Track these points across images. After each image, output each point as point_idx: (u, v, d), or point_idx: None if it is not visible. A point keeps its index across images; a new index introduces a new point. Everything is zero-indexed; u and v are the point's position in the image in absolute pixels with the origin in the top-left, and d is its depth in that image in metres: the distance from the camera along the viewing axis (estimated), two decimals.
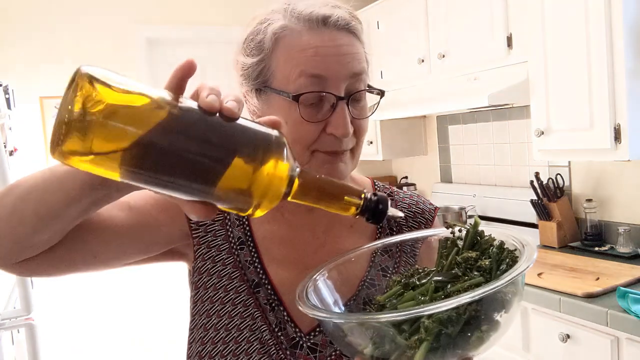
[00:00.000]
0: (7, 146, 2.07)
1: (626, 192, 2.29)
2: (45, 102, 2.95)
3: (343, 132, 0.70)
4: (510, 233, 0.64)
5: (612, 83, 1.88)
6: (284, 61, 0.72)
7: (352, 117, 0.72)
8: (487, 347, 0.56)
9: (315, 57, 0.71)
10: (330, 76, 0.70)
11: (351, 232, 0.84)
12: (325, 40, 0.72)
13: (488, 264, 0.58)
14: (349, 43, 0.73)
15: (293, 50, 0.71)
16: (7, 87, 2.26)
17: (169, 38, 3.26)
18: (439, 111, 2.97)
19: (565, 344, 1.86)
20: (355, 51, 0.74)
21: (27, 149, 2.86)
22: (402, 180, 3.64)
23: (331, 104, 0.71)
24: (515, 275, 0.52)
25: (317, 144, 0.72)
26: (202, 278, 0.79)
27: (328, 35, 0.72)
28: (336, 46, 0.72)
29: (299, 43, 0.72)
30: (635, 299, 1.65)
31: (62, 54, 2.97)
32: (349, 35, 0.74)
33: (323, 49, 0.71)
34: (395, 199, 0.89)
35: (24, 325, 1.86)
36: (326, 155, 0.73)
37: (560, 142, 2.11)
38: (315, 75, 0.70)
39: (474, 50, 2.51)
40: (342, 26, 0.73)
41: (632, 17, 1.84)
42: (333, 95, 0.70)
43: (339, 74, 0.71)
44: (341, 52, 0.72)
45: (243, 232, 0.80)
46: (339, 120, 0.70)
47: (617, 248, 2.21)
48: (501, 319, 0.57)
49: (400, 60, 3.03)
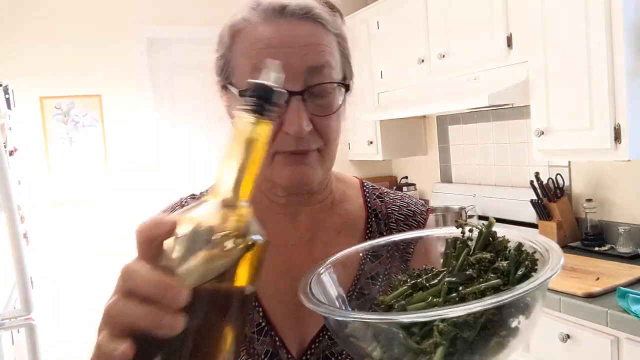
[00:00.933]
0: (7, 146, 2.07)
1: (626, 192, 2.29)
2: (45, 102, 2.95)
3: (296, 129, 0.64)
4: (529, 236, 0.59)
5: (612, 83, 1.87)
6: (240, 56, 0.68)
7: (311, 115, 0.66)
8: (507, 354, 0.53)
9: (267, 49, 0.65)
10: (283, 70, 0.67)
11: (339, 238, 0.79)
12: (280, 31, 0.66)
13: (506, 265, 0.54)
14: (309, 33, 0.67)
15: (248, 43, 0.67)
16: (7, 87, 2.26)
17: (169, 38, 3.26)
18: (439, 111, 2.97)
19: (565, 344, 1.86)
20: (317, 42, 0.67)
21: (27, 149, 2.87)
22: (402, 180, 3.64)
23: (285, 99, 0.68)
24: (542, 280, 0.49)
25: (277, 144, 0.66)
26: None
27: (285, 26, 0.66)
28: (292, 37, 0.65)
29: (254, 36, 0.66)
30: (635, 299, 1.65)
31: (62, 54, 2.97)
32: (313, 25, 0.67)
33: (276, 40, 0.65)
34: (385, 201, 0.84)
35: (24, 325, 1.86)
36: (286, 157, 0.67)
37: (560, 142, 2.11)
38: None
39: (474, 50, 2.51)
40: (301, 15, 0.67)
41: (632, 17, 1.84)
42: (285, 90, 0.68)
43: (294, 67, 0.64)
44: (297, 44, 0.65)
45: None
46: (292, 117, 0.64)
47: (617, 248, 2.21)
48: (520, 325, 0.53)
49: (400, 60, 3.03)
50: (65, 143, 2.99)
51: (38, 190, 2.92)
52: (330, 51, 0.68)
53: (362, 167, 3.79)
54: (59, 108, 2.98)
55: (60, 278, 2.91)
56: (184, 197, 0.81)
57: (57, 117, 2.97)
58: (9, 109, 2.27)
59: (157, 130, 3.22)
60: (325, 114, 0.68)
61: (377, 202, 0.84)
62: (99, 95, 3.06)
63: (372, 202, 0.84)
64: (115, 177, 3.10)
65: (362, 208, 0.83)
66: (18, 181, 2.39)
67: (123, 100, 3.12)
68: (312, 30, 0.67)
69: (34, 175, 2.90)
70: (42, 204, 2.93)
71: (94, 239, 2.99)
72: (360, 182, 0.88)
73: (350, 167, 3.76)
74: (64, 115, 2.99)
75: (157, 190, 3.11)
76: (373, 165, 3.80)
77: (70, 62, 2.99)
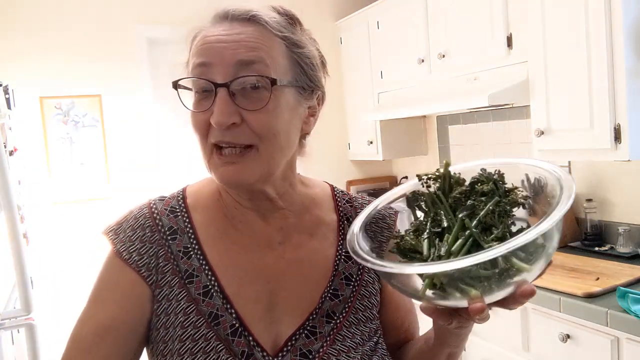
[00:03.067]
0: (7, 146, 2.07)
1: (626, 192, 2.28)
2: (45, 102, 2.95)
3: (217, 119, 0.67)
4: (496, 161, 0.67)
5: (612, 83, 1.87)
6: (191, 57, 0.73)
7: (242, 109, 0.68)
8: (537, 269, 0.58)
9: (203, 45, 0.70)
10: (213, 63, 0.68)
11: (311, 239, 0.80)
12: (221, 31, 0.70)
13: (488, 187, 0.61)
14: (245, 32, 0.70)
15: (195, 47, 0.72)
16: (7, 87, 2.26)
17: (169, 38, 3.26)
18: (439, 111, 2.97)
19: (565, 344, 1.86)
20: (250, 39, 0.69)
21: (27, 149, 2.87)
22: (402, 180, 3.64)
23: (214, 92, 0.69)
24: (571, 196, 0.56)
25: (211, 136, 0.70)
26: (161, 319, 0.73)
27: (226, 27, 0.71)
28: (226, 35, 0.69)
29: (200, 39, 0.71)
30: (635, 299, 1.65)
31: (62, 54, 2.97)
32: (251, 25, 0.71)
33: (211, 38, 0.70)
34: (354, 206, 0.87)
35: (24, 325, 1.86)
36: (219, 157, 0.70)
37: (560, 142, 2.10)
38: (200, 64, 0.69)
39: (474, 50, 2.51)
40: (243, 18, 0.71)
41: (632, 17, 1.84)
42: (210, 82, 0.68)
43: (222, 60, 0.68)
44: (229, 40, 0.69)
45: (197, 261, 0.75)
46: (215, 108, 0.68)
47: (617, 248, 2.21)
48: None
49: (400, 60, 3.03)
50: (65, 143, 2.99)
51: (38, 190, 2.92)
52: (266, 50, 0.70)
53: (362, 167, 3.79)
54: (59, 108, 2.98)
55: (60, 278, 2.91)
56: (152, 199, 0.82)
57: (57, 117, 2.97)
58: (9, 109, 2.27)
59: (157, 130, 3.22)
60: (254, 108, 0.69)
61: (347, 207, 0.86)
62: (99, 95, 3.06)
63: (343, 207, 0.86)
64: (115, 177, 3.10)
65: (333, 212, 0.85)
66: (18, 181, 2.39)
67: (123, 100, 3.11)
68: (249, 30, 0.70)
69: (34, 175, 2.90)
70: (42, 204, 2.93)
71: (94, 239, 2.99)
72: (331, 188, 0.89)
73: (351, 167, 3.76)
74: (64, 115, 2.99)
75: (157, 190, 3.10)
76: (373, 165, 3.80)
77: (70, 62, 2.99)
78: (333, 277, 0.79)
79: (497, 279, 0.56)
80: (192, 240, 0.76)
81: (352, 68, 3.53)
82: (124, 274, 0.74)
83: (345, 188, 3.73)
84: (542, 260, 0.58)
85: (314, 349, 0.73)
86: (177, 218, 0.78)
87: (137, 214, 0.78)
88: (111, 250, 0.76)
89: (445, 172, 0.65)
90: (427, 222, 0.64)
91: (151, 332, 0.75)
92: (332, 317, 0.76)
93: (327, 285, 0.78)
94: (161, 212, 0.78)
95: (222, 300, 0.73)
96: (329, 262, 0.80)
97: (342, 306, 0.78)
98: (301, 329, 0.74)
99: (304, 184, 0.85)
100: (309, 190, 0.85)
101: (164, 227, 0.77)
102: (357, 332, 0.77)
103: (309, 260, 0.79)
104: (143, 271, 0.74)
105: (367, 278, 0.82)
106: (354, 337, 0.77)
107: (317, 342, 0.74)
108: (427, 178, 0.66)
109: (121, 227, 0.77)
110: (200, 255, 0.75)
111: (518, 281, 0.56)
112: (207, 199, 0.81)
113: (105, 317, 0.72)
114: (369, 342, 0.78)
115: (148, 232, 0.76)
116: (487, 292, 0.56)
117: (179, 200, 0.81)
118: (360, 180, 3.78)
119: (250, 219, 0.78)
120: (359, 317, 0.78)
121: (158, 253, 0.75)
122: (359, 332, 0.77)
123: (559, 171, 0.64)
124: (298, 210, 0.81)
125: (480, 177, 0.64)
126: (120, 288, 0.74)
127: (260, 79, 0.68)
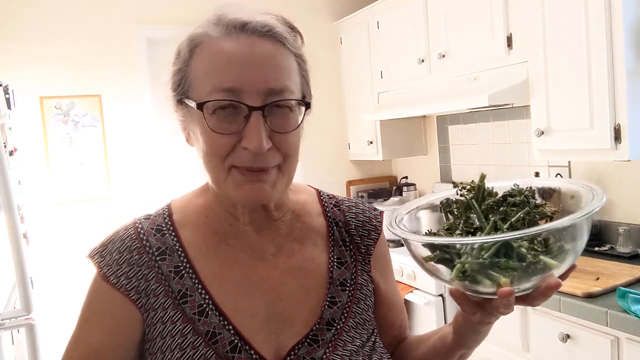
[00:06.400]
0: (7, 146, 2.07)
1: (626, 192, 2.29)
2: (45, 102, 2.95)
3: (256, 145, 0.64)
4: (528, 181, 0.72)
5: (612, 83, 1.87)
6: (200, 71, 0.68)
7: (271, 131, 0.67)
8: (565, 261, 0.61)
9: (229, 67, 0.66)
10: (244, 87, 0.65)
11: (302, 247, 0.80)
12: (241, 47, 0.66)
13: (520, 199, 0.66)
14: (270, 51, 0.67)
15: (207, 59, 0.68)
16: (7, 87, 2.26)
17: (169, 38, 3.26)
18: (439, 111, 2.97)
19: (565, 344, 1.86)
20: (277, 63, 0.67)
21: (27, 149, 2.87)
22: (402, 180, 3.64)
23: (245, 114, 0.66)
24: (602, 199, 0.61)
25: (233, 157, 0.67)
26: (157, 342, 0.71)
27: (246, 42, 0.67)
28: (252, 53, 0.66)
29: (214, 51, 0.67)
30: (635, 299, 1.65)
31: (62, 54, 2.97)
32: (273, 43, 0.68)
33: (237, 57, 0.66)
34: (342, 209, 0.86)
35: (24, 325, 1.86)
36: (243, 174, 0.67)
37: (560, 142, 2.11)
38: (228, 89, 0.65)
39: (473, 50, 2.51)
40: (262, 32, 0.67)
41: (632, 17, 1.84)
42: (245, 105, 0.65)
43: (254, 84, 0.65)
44: (257, 61, 0.66)
45: (190, 280, 0.73)
46: (252, 133, 0.65)
47: (617, 248, 2.21)
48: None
49: (400, 60, 3.03)
50: (65, 143, 2.99)
51: (38, 190, 2.92)
52: (288, 74, 0.69)
53: (362, 167, 3.79)
54: (59, 108, 2.98)
55: (60, 278, 2.90)
56: (137, 218, 0.80)
57: (57, 117, 2.97)
58: (9, 109, 2.27)
59: (157, 130, 3.22)
60: (285, 131, 0.68)
61: (335, 211, 0.86)
62: (99, 95, 3.06)
63: (331, 211, 0.86)
64: (115, 177, 3.10)
65: (322, 217, 0.85)
66: (18, 181, 2.39)
67: (123, 100, 3.11)
68: (273, 49, 0.68)
69: (34, 175, 2.90)
70: (42, 204, 2.93)
71: (94, 239, 2.99)
72: (317, 192, 0.89)
73: (351, 167, 3.76)
74: (64, 115, 2.99)
75: (157, 191, 3.11)
76: (373, 165, 3.80)
77: (70, 62, 2.99)
78: (329, 284, 0.79)
79: (524, 272, 0.59)
80: (182, 258, 0.75)
81: (352, 68, 3.53)
82: (112, 298, 0.72)
83: (345, 188, 3.74)
84: (569, 258, 0.61)
85: (317, 356, 0.73)
86: (165, 237, 0.76)
87: (122, 235, 0.77)
88: (97, 273, 0.74)
89: (481, 183, 0.70)
90: (459, 223, 0.68)
91: (146, 357, 0.73)
92: (332, 324, 0.76)
93: (326, 293, 0.78)
94: (147, 232, 0.76)
95: (218, 318, 0.72)
96: (323, 270, 0.79)
97: (341, 312, 0.78)
98: (306, 337, 0.75)
99: (292, 190, 0.83)
100: (297, 196, 0.85)
101: (151, 248, 0.75)
102: (357, 335, 0.78)
103: (302, 268, 0.78)
104: (132, 294, 0.72)
105: (361, 281, 0.82)
106: (354, 340, 0.77)
107: (320, 349, 0.74)
108: (462, 187, 0.70)
109: (107, 250, 0.76)
110: (192, 273, 0.74)
111: (544, 276, 0.60)
112: (194, 215, 0.79)
113: (94, 342, 0.72)
114: (367, 343, 0.78)
115: (135, 255, 0.74)
116: (514, 283, 0.60)
117: (165, 218, 0.79)
118: (360, 180, 3.78)
119: (243, 234, 0.77)
120: (357, 320, 0.79)
121: (148, 276, 0.73)
122: (359, 335, 0.78)
123: (589, 184, 0.69)
124: (289, 220, 0.81)
125: (513, 191, 0.69)
126: (109, 313, 0.73)
127: (293, 103, 0.68)
